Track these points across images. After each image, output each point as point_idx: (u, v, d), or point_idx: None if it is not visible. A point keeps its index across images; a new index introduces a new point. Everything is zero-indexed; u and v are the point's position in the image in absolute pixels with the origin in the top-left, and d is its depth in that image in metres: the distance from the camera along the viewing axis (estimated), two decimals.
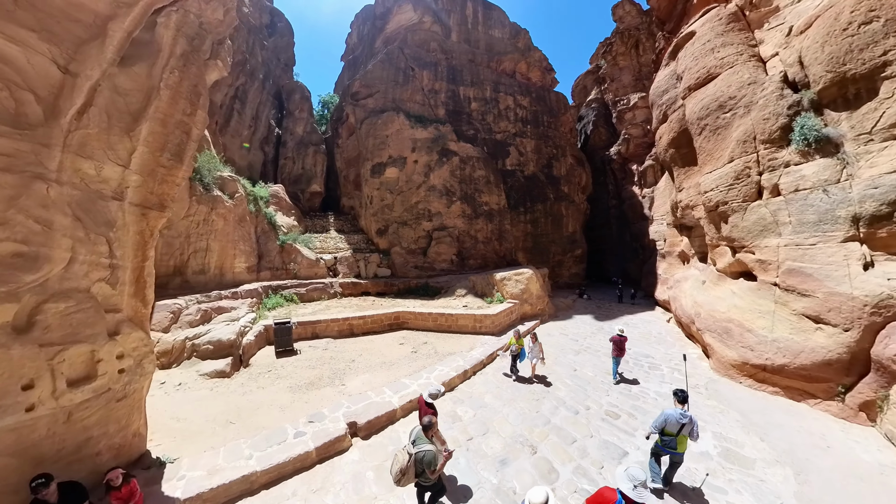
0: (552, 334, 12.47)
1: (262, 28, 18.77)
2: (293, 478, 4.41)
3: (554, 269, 24.95)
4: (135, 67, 4.04)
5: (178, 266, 9.87)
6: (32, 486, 2.96)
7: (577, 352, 10.38)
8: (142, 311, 4.53)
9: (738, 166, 8.74)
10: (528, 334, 8.27)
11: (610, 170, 27.58)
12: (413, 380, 7.33)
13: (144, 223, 4.42)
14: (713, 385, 7.59)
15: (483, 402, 6.79)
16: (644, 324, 14.12)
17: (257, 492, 4.11)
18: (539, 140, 24.63)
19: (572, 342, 11.45)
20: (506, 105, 23.80)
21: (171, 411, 5.56)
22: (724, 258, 9.44)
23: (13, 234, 3.15)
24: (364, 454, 5.03)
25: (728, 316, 8.22)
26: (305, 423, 5.35)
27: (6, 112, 3.20)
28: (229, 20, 4.89)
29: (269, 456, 4.45)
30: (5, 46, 3.14)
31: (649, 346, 10.68)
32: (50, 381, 3.39)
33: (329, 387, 7.06)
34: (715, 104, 9.88)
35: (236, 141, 16.74)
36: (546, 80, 25.48)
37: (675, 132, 13.01)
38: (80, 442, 3.64)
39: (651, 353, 10.08)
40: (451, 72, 22.32)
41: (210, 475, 3.99)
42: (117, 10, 3.68)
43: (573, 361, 9.46)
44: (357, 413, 5.77)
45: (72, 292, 3.63)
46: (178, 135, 4.52)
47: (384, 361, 8.79)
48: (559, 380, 8.05)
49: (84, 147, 3.69)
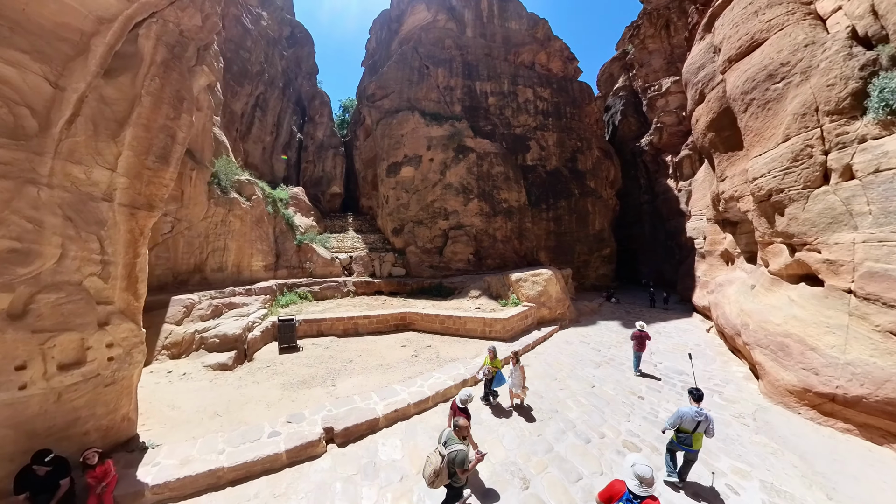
0: (571, 342, 11.49)
1: (280, 39, 20.09)
2: (261, 478, 4.41)
3: (579, 270, 23.72)
4: (120, 78, 4.46)
5: (198, 264, 10.83)
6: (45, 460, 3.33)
7: (597, 364, 9.29)
8: (134, 305, 4.99)
9: (797, 145, 7.36)
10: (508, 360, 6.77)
11: (641, 162, 25.59)
12: (405, 386, 6.99)
13: (134, 222, 4.87)
14: (763, 415, 6.30)
15: (479, 418, 6.09)
16: (679, 333, 12.67)
17: (223, 487, 4.20)
18: (562, 133, 23.55)
19: (593, 352, 10.39)
20: (525, 98, 23.09)
21: (168, 399, 6.07)
22: (778, 258, 8.05)
23: (8, 232, 3.61)
24: (336, 463, 4.85)
25: (785, 329, 6.87)
26: (283, 423, 5.35)
27: (5, 126, 3.68)
28: (210, 26, 5.24)
29: (240, 453, 4.57)
30: (3, 69, 3.62)
31: (684, 361, 9.07)
32: (41, 364, 3.84)
33: (320, 387, 7.15)
34: (762, 74, 8.54)
35: (258, 147, 18.06)
36: (568, 69, 24.30)
37: (715, 112, 11.60)
38: (70, 421, 4.09)
39: (686, 369, 8.64)
40: (466, 67, 22.14)
41: (181, 465, 4.25)
42: (99, 27, 4.09)
43: (591, 376, 8.42)
44: (337, 418, 5.62)
45: (63, 285, 4.09)
46: (162, 139, 4.92)
47: (382, 364, 8.69)
48: (572, 397, 7.11)
49: (73, 153, 4.14)
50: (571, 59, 24.47)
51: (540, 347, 10.89)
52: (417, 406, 6.41)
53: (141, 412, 5.53)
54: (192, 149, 10.24)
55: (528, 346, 10.52)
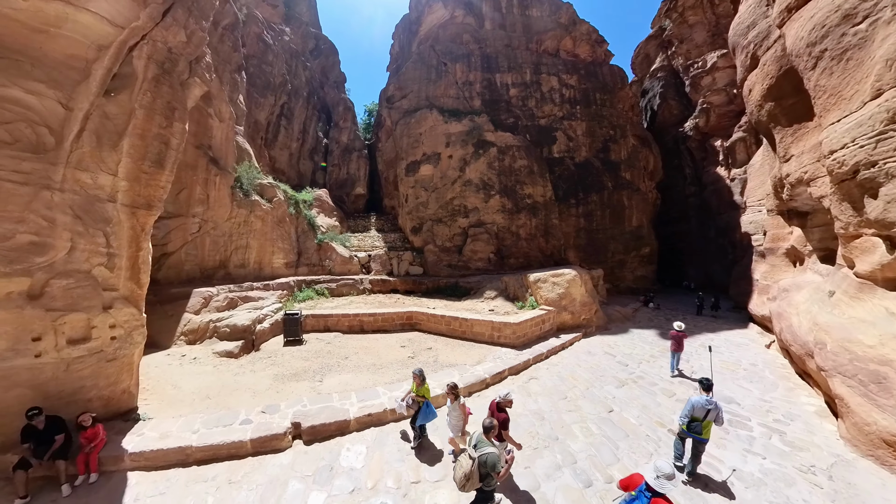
0: (594, 353, 10.31)
1: (304, 52, 21.82)
2: (224, 462, 4.70)
3: (613, 271, 22.08)
4: (119, 96, 5.30)
5: (223, 260, 12.24)
6: (28, 414, 4.18)
7: (621, 382, 7.96)
8: (137, 292, 5.86)
9: (894, 101, 5.60)
10: (447, 395, 5.13)
11: (685, 150, 22.98)
12: (389, 389, 6.77)
13: (135, 220, 5.73)
14: (844, 471, 4.67)
15: (389, 465, 5.26)
16: (731, 348, 10.82)
17: (190, 465, 4.63)
18: (591, 121, 22.15)
19: (619, 367, 9.08)
20: (549, 87, 22.14)
21: (174, 379, 6.98)
22: (870, 256, 6.32)
23: (28, 228, 4.52)
24: (296, 460, 4.87)
25: (881, 354, 5.29)
26: (258, 413, 5.64)
27: (29, 143, 4.60)
28: (196, 40, 5.96)
29: (210, 435, 5.00)
30: (26, 97, 4.54)
31: (735, 385, 7.62)
32: (53, 338, 4.73)
33: (308, 381, 7.47)
34: (835, 17, 6.82)
35: (285, 153, 19.82)
36: (597, 53, 22.75)
37: (773, 77, 9.59)
38: (76, 388, 4.95)
39: (737, 395, 7.09)
40: (485, 60, 21.92)
41: (160, 439, 4.88)
42: (99, 54, 4.91)
43: (611, 397, 7.14)
44: (308, 414, 5.66)
45: (73, 272, 4.97)
46: (156, 145, 5.72)
47: (375, 363, 8.73)
48: (581, 422, 6.03)
49: (81, 162, 5.01)
50: (600, 42, 22.89)
51: (555, 357, 9.97)
52: (394, 413, 6.04)
53: (147, 388, 6.46)
54: (215, 156, 11.62)
55: (541, 356, 9.67)
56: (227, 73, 11.99)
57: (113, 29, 4.88)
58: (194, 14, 5.73)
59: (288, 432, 5.30)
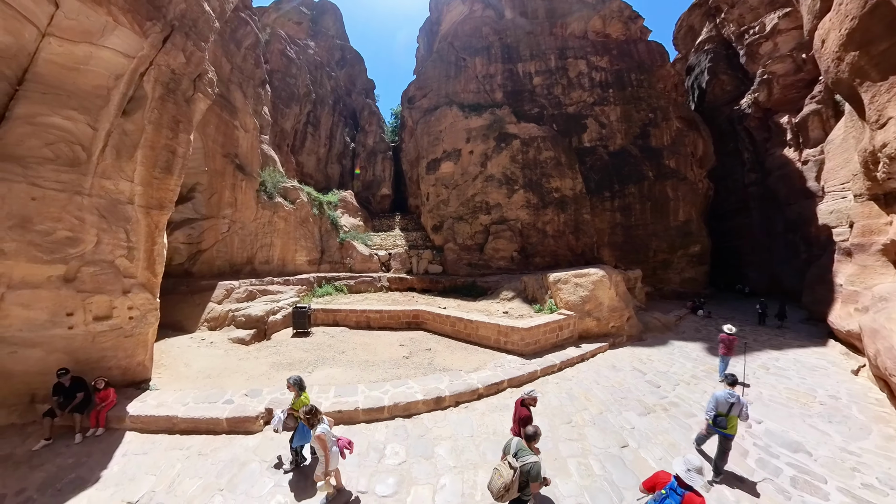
0: (620, 368, 8.99)
1: (329, 63, 23.60)
2: (202, 436, 5.34)
3: (656, 272, 20.16)
4: (134, 115, 6.48)
5: (249, 257, 13.90)
6: (58, 373, 5.38)
7: (647, 409, 6.67)
8: (152, 280, 7.07)
9: None
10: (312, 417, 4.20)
11: (743, 130, 19.98)
12: (370, 389, 6.72)
13: (150, 219, 6.93)
14: None
15: (432, 453, 5.13)
16: (802, 371, 8.81)
17: (174, 433, 5.40)
18: (627, 105, 20.49)
19: (648, 388, 7.70)
20: (577, 71, 20.99)
21: (188, 359, 8.22)
22: None
23: (64, 225, 5.79)
24: (261, 445, 5.19)
25: None
26: (241, 395, 6.25)
27: (67, 158, 5.89)
28: (196, 60, 7.01)
29: (195, 409, 5.78)
30: (65, 122, 5.81)
31: (806, 425, 6.01)
32: (83, 314, 5.97)
33: (299, 371, 7.97)
34: None
35: (312, 158, 21.70)
36: (631, 31, 20.92)
37: (855, 17, 7.66)
38: (100, 357, 6.18)
39: (807, 440, 5.55)
40: (505, 51, 21.56)
41: (156, 407, 5.85)
42: (116, 82, 6.10)
43: (629, 427, 5.94)
44: (284, 402, 5.90)
45: (99, 262, 6.22)
46: (165, 154, 6.86)
47: (368, 360, 8.94)
48: (580, 457, 5.04)
49: (105, 172, 6.25)
50: (634, 19, 21.02)
51: (570, 371, 8.84)
52: (368, 413, 6.07)
53: (164, 364, 7.72)
54: (242, 163, 13.27)
55: (551, 368, 8.73)
56: (251, 87, 13.66)
57: (125, 60, 6.02)
58: (192, 37, 6.77)
59: (260, 416, 5.76)
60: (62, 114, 5.72)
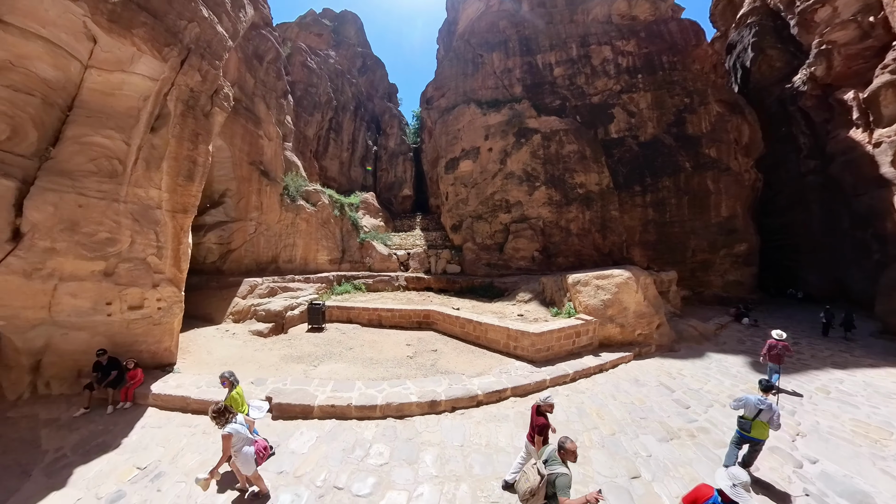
0: (644, 382, 8.17)
1: (350, 70, 24.81)
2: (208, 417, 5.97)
3: (694, 274, 18.68)
4: (160, 131, 7.49)
5: (274, 256, 15.15)
6: (97, 353, 6.42)
7: (670, 433, 5.89)
8: (178, 276, 8.09)
9: None
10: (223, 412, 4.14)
11: (797, 112, 17.71)
12: (367, 386, 6.87)
13: (175, 221, 7.94)
14: None
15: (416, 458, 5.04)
16: (873, 398, 7.46)
17: (187, 412, 6.09)
18: (658, 90, 19.18)
19: (674, 408, 6.84)
20: (601, 58, 20.05)
21: (211, 348, 9.24)
22: None
23: (105, 228, 6.87)
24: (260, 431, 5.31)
25: None
26: (247, 383, 6.86)
27: (107, 171, 6.99)
28: (211, 78, 7.90)
29: (207, 392, 6.47)
30: (105, 140, 6.90)
31: (875, 468, 5.02)
32: (119, 303, 7.03)
33: (305, 364, 8.67)
34: None
35: (335, 162, 22.98)
36: (660, 10, 19.47)
37: None
38: (132, 341, 7.23)
39: (876, 489, 4.59)
40: (524, 43, 21.20)
41: (175, 388, 6.70)
42: (144, 103, 7.11)
43: (645, 454, 5.26)
44: (283, 392, 6.45)
45: (133, 259, 7.28)
46: (186, 164, 7.83)
47: (373, 358, 9.19)
48: (578, 484, 4.47)
49: (137, 181, 7.30)
50: None
51: (585, 382, 8.17)
52: (360, 411, 6.19)
53: (190, 351, 8.77)
54: (266, 169, 14.52)
55: (563, 378, 8.12)
56: (274, 99, 14.90)
57: (151, 83, 7.00)
58: (206, 58, 7.65)
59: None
60: (103, 133, 6.80)
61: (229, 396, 4.80)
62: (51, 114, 6.26)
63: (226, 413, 4.13)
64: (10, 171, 5.69)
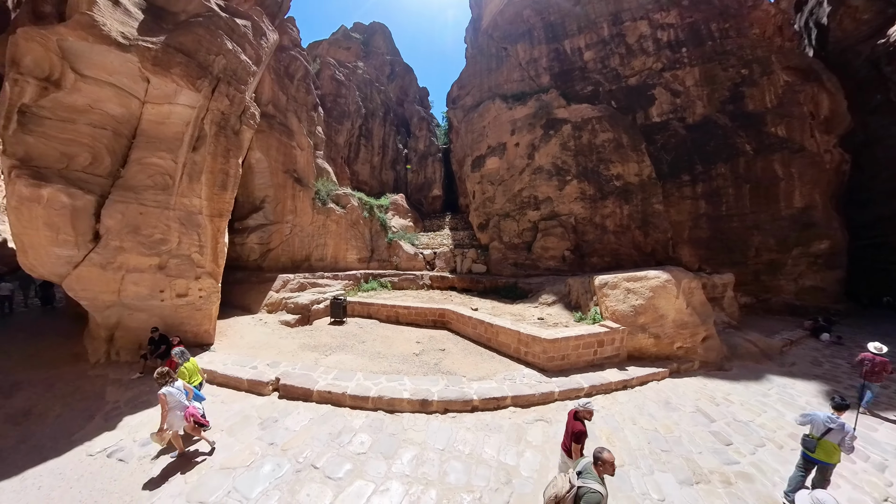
0: (676, 406, 7.19)
1: (377, 78, 26.42)
2: (229, 390, 7.21)
3: (759, 278, 16.61)
4: (200, 150, 9.21)
5: (307, 255, 17.02)
6: (151, 329, 8.20)
7: (696, 475, 5.07)
8: (216, 270, 9.80)
9: None
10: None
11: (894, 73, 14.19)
12: (365, 378, 7.38)
13: (213, 224, 9.65)
14: None
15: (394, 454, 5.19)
16: None
17: (214, 384, 7.39)
18: (708, 63, 17.31)
19: (709, 443, 5.93)
20: (637, 35, 18.70)
21: (243, 333, 10.91)
22: None
23: (158, 231, 8.70)
24: (263, 406, 6.51)
25: None
26: (265, 365, 8.01)
27: (161, 185, 8.84)
28: (238, 101, 9.44)
29: (229, 369, 7.83)
30: (158, 160, 8.75)
31: None
32: (170, 291, 8.84)
33: (318, 353, 9.71)
34: None
35: (366, 167, 24.75)
36: None
37: None
38: (179, 322, 9.01)
39: None
40: (549, 30, 20.66)
41: (207, 363, 8.18)
42: (186, 127, 8.84)
43: (656, 499, 4.64)
44: (290, 375, 7.35)
45: (180, 256, 9.07)
46: (220, 176, 9.48)
47: (381, 352, 9.79)
48: None
49: (183, 192, 9.08)
50: None
51: (603, 399, 7.50)
52: (354, 400, 6.70)
53: (226, 335, 10.49)
54: (299, 176, 16.42)
55: (576, 391, 7.53)
56: (305, 112, 16.78)
57: (191, 110, 8.69)
58: (233, 84, 9.21)
59: (270, 384, 7.28)
60: (157, 155, 8.63)
61: (179, 369, 5.89)
62: (120, 142, 8.18)
63: (166, 377, 5.13)
64: (91, 189, 7.62)
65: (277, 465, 5.06)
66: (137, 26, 7.39)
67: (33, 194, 6.58)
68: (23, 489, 4.52)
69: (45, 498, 4.40)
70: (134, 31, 7.25)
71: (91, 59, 7.03)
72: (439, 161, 27.93)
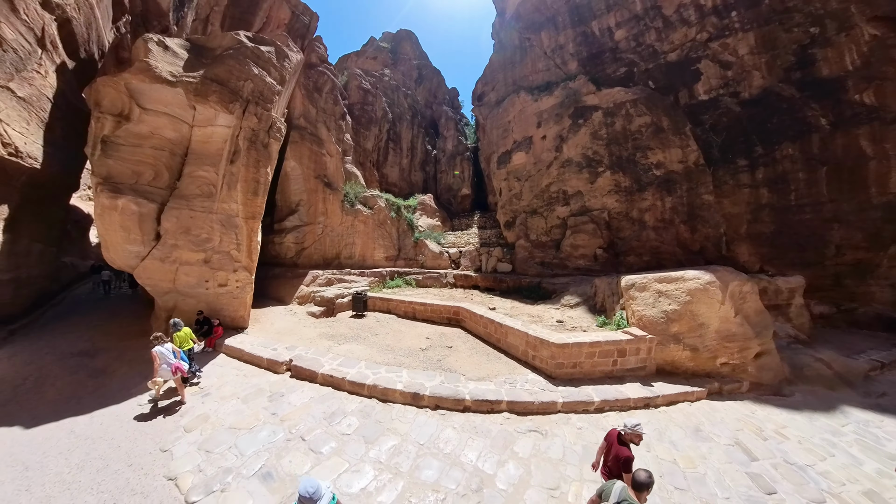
0: (708, 435, 6.17)
1: (404, 83, 27.75)
2: (251, 366, 8.63)
3: (840, 282, 14.62)
4: (236, 163, 11.10)
5: (337, 253, 18.85)
6: (197, 312, 10.18)
7: None
8: (251, 264, 11.66)
9: None
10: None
11: None
12: (368, 368, 8.06)
13: (248, 225, 11.51)
14: None
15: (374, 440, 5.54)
16: None
17: (241, 362, 9.07)
18: (766, 26, 15.42)
19: (744, 488, 4.85)
20: (676, 4, 17.33)
21: (273, 320, 12.71)
22: None
23: (205, 231, 10.72)
24: (276, 383, 7.65)
25: None
26: (283, 348, 9.49)
27: (207, 193, 10.89)
28: (265, 118, 11.16)
29: (255, 349, 9.42)
30: (204, 173, 10.80)
31: None
32: (213, 282, 10.82)
33: (332, 341, 10.99)
34: None
35: (395, 169, 26.28)
36: None
37: None
38: (220, 308, 10.95)
39: None
40: (574, 13, 20.02)
41: (238, 343, 9.91)
42: (224, 144, 10.77)
43: None
44: (302, 358, 8.59)
45: (221, 252, 11.03)
46: (252, 184, 11.30)
47: (389, 345, 10.60)
48: None
49: (223, 198, 11.04)
50: None
51: (614, 416, 7.00)
52: (352, 385, 7.45)
53: (259, 322, 12.34)
54: (329, 181, 18.31)
55: (584, 405, 7.04)
56: (333, 121, 18.65)
57: (227, 130, 10.57)
58: (260, 104, 10.94)
59: (284, 364, 8.59)
60: (203, 169, 10.66)
61: (175, 336, 7.65)
62: (175, 160, 10.30)
63: (157, 339, 6.96)
64: (154, 198, 9.76)
65: (273, 433, 5.98)
66: (183, 64, 9.33)
67: (112, 204, 8.74)
68: (90, 423, 6.28)
69: (104, 430, 6.06)
70: (180, 69, 9.18)
71: (150, 95, 9.09)
72: (468, 160, 28.48)
